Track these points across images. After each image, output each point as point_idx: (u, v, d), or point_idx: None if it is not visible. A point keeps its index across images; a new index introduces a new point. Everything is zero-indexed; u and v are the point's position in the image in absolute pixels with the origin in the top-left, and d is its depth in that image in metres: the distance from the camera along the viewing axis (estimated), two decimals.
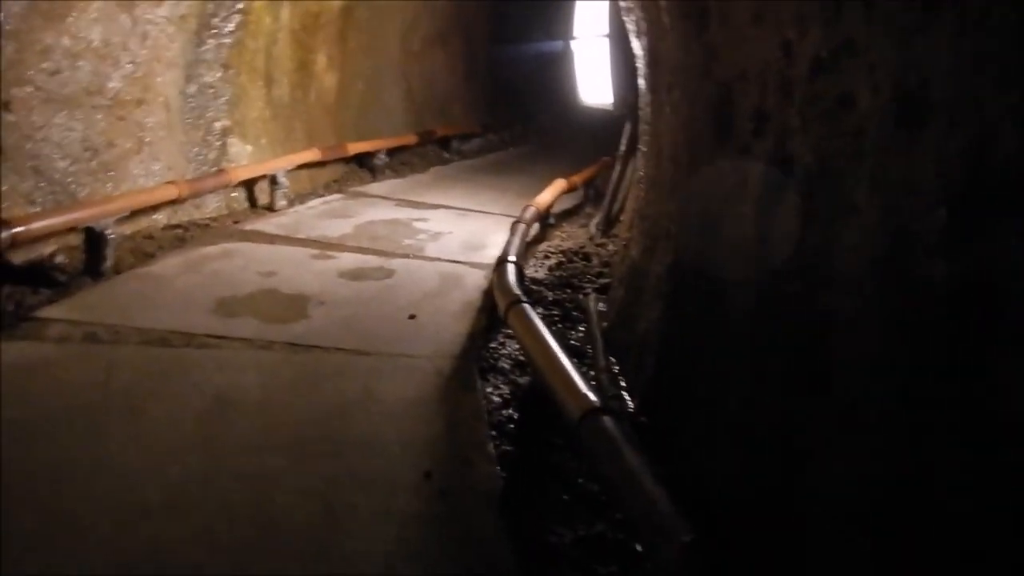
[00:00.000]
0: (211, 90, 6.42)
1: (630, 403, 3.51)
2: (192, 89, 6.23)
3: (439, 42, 11.03)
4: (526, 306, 3.31)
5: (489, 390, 3.58)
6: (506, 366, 3.87)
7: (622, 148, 6.49)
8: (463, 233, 6.58)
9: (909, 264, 1.51)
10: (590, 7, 5.78)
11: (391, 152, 9.11)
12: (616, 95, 5.87)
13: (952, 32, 1.43)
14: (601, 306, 4.97)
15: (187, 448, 2.76)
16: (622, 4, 4.39)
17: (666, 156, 3.43)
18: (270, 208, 6.80)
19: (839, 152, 1.94)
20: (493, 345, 4.15)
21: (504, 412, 3.36)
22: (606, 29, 5.62)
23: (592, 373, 3.91)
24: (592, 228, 7.00)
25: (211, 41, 6.31)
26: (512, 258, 4.23)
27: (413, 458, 2.83)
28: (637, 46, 4.26)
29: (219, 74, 6.47)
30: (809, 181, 2.09)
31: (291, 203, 7.06)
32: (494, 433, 3.16)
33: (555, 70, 15.49)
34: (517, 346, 4.02)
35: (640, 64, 4.37)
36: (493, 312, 4.53)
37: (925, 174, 1.47)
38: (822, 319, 1.97)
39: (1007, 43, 1.28)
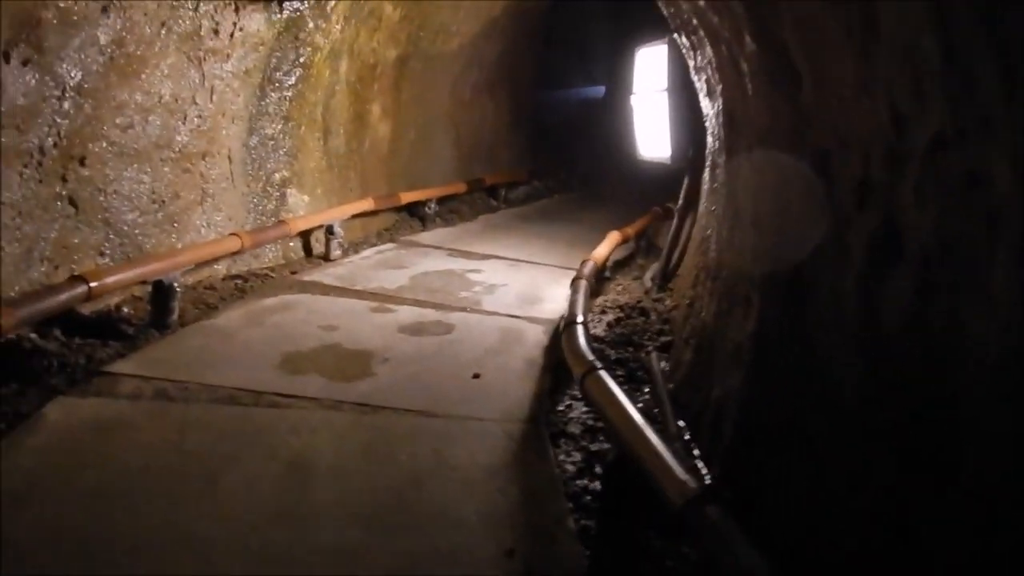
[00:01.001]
0: (272, 142, 6.49)
1: (706, 473, 3.42)
2: (254, 141, 6.30)
3: (487, 90, 11.12)
4: (603, 374, 3.24)
5: (562, 457, 3.50)
6: (576, 431, 3.80)
7: (680, 202, 6.44)
8: (518, 285, 6.55)
9: None
10: (647, 59, 5.78)
11: (441, 200, 9.15)
12: (674, 148, 5.84)
13: None
14: (664, 364, 4.89)
15: (266, 518, 2.72)
16: (691, 63, 4.37)
17: (746, 221, 3.37)
18: (325, 258, 6.83)
19: (964, 231, 1.87)
20: (560, 408, 4.08)
21: (579, 482, 3.28)
22: (665, 83, 5.58)
23: (663, 439, 3.82)
24: (647, 281, 6.93)
25: (273, 94, 6.40)
26: (579, 319, 4.17)
27: (492, 532, 2.75)
28: (707, 104, 4.23)
29: (280, 126, 6.55)
30: (926, 260, 2.02)
31: (345, 252, 7.09)
32: (571, 505, 3.08)
33: (597, 116, 15.56)
34: (586, 410, 3.96)
35: (710, 122, 4.33)
36: (558, 372, 4.48)
37: None
38: (947, 403, 1.88)
39: None
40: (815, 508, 2.46)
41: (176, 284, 4.67)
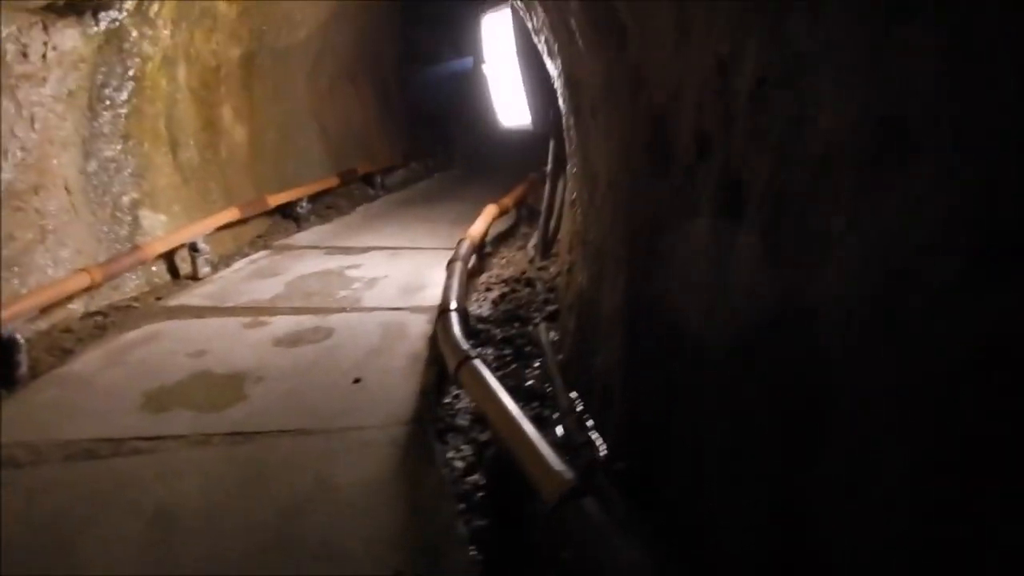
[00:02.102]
0: (113, 164, 6.07)
1: (602, 446, 3.31)
2: (93, 166, 5.87)
3: (348, 77, 10.77)
4: (477, 363, 3.08)
5: (450, 455, 3.34)
6: (464, 423, 3.64)
7: (549, 167, 6.32)
8: (399, 275, 6.33)
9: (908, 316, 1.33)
10: (495, 27, 5.60)
11: (314, 197, 8.83)
12: (534, 114, 5.70)
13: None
14: (553, 334, 4.78)
15: None
16: (529, 25, 4.21)
17: (603, 181, 3.25)
18: (193, 277, 6.46)
19: (801, 178, 1.76)
20: (448, 400, 3.92)
21: (470, 479, 3.13)
22: (514, 48, 5.42)
23: (556, 415, 3.71)
24: (530, 250, 6.81)
25: (106, 113, 5.97)
26: (453, 305, 4.00)
27: (378, 557, 2.57)
28: (551, 66, 4.08)
29: (119, 146, 6.13)
30: (770, 211, 1.91)
31: (215, 268, 6.72)
32: (463, 506, 2.92)
33: (469, 89, 15.32)
34: (471, 399, 3.80)
35: (557, 84, 4.20)
36: (442, 362, 4.31)
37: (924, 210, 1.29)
38: (809, 360, 1.79)
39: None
40: (698, 480, 2.37)
41: (17, 336, 4.29)
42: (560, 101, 4.35)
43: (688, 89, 2.27)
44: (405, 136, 12.46)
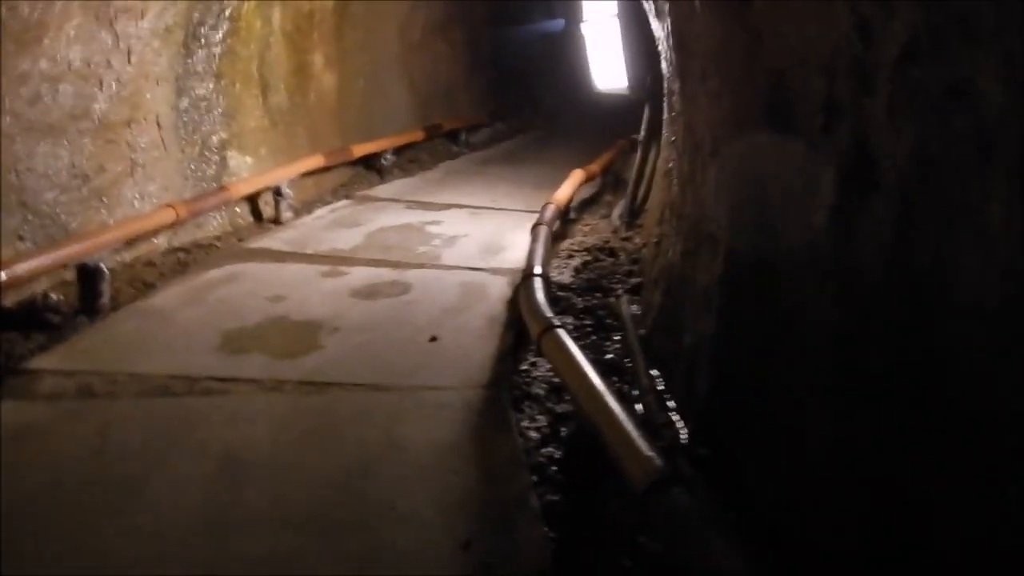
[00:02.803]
0: (204, 103, 6.07)
1: (683, 429, 3.16)
2: (184, 104, 5.88)
3: (439, 31, 10.62)
4: (561, 333, 2.94)
5: (525, 423, 3.23)
6: (541, 392, 3.52)
7: (642, 134, 6.10)
8: (480, 235, 6.22)
9: None
10: None
11: (398, 150, 8.75)
12: (631, 78, 5.48)
13: None
14: (635, 308, 4.62)
15: (192, 531, 2.43)
16: None
17: (707, 151, 3.06)
18: (276, 221, 6.46)
19: (950, 156, 1.56)
20: (524, 367, 3.80)
21: (545, 451, 3.01)
22: (615, 9, 5.20)
23: (636, 392, 3.56)
24: (615, 219, 6.62)
25: (200, 52, 5.96)
26: (537, 270, 3.86)
27: (447, 523, 2.48)
28: (657, 27, 3.87)
29: (212, 85, 6.12)
30: (906, 190, 1.72)
31: (297, 214, 6.71)
32: (536, 478, 2.81)
33: (559, 51, 15.03)
34: (551, 368, 3.68)
35: (663, 47, 3.98)
36: (521, 327, 4.19)
37: None
38: (936, 355, 1.61)
39: None
40: (794, 471, 2.20)
41: (103, 265, 4.32)
42: (663, 64, 4.14)
43: (818, 52, 2.07)
44: (491, 94, 12.29)
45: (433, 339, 4.02)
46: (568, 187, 6.15)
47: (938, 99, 1.60)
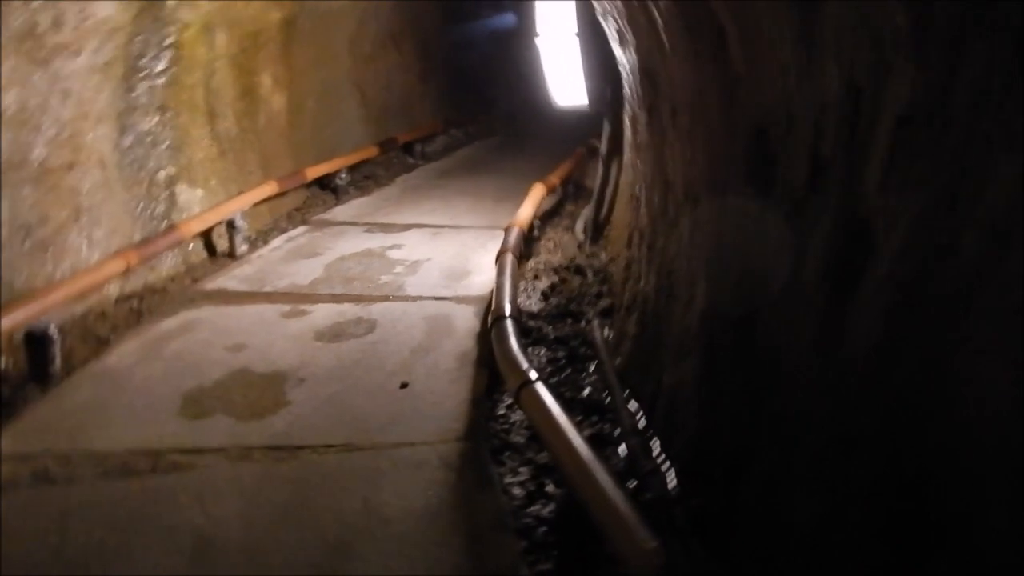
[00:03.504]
0: (149, 138, 5.84)
1: (670, 474, 3.06)
2: (128, 141, 5.65)
3: (390, 41, 10.42)
4: (540, 389, 2.82)
5: (507, 479, 3.12)
6: (520, 440, 3.41)
7: (604, 148, 5.99)
8: (443, 257, 6.08)
9: None
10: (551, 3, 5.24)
11: (353, 168, 8.56)
12: (591, 95, 5.39)
13: None
14: (607, 332, 4.52)
15: None
16: (596, 6, 3.88)
17: (679, 189, 2.96)
18: (231, 255, 6.25)
19: (961, 237, 1.47)
20: (500, 411, 3.68)
21: (531, 510, 2.90)
22: (574, 26, 5.09)
23: (617, 432, 3.46)
24: (578, 233, 6.53)
25: (142, 84, 5.73)
26: (507, 310, 3.73)
27: None
28: (620, 54, 3.76)
29: (156, 118, 5.90)
30: (907, 266, 1.62)
31: (253, 245, 6.51)
32: (525, 543, 2.70)
33: (511, 52, 14.87)
34: (531, 426, 3.56)
35: (626, 72, 3.88)
36: (492, 364, 4.08)
37: None
38: (942, 458, 1.52)
39: None
40: (784, 536, 2.11)
41: (52, 329, 4.11)
42: (626, 89, 4.04)
43: (804, 108, 1.97)
44: (445, 101, 12.12)
45: (404, 385, 3.88)
46: (530, 205, 6.04)
47: (943, 171, 1.50)
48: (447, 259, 6.04)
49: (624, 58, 3.67)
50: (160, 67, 5.88)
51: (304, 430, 3.47)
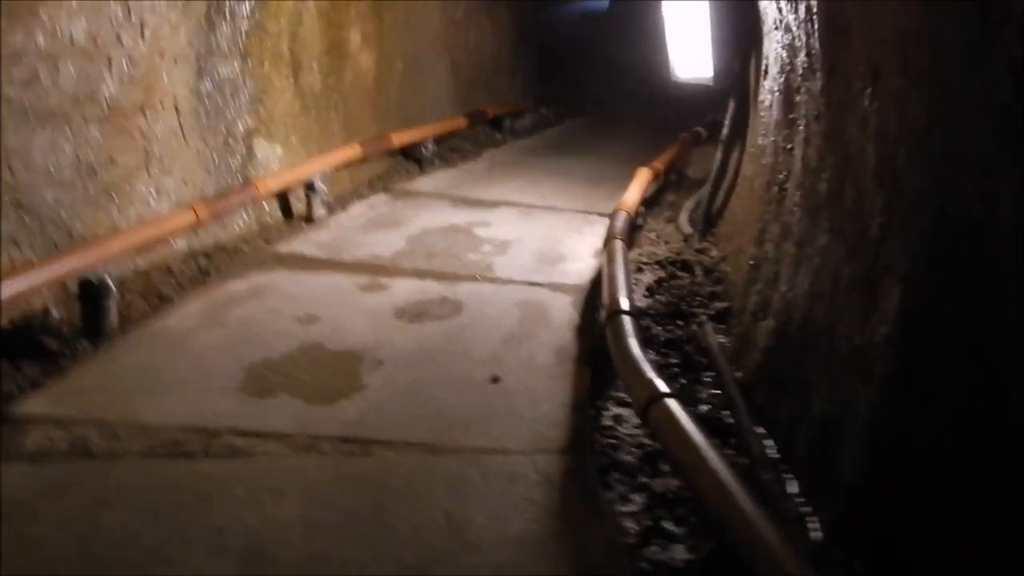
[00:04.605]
0: (230, 85, 5.43)
1: (813, 522, 2.49)
2: (206, 86, 5.24)
3: (484, 8, 9.91)
4: (675, 408, 2.27)
5: (619, 507, 2.58)
6: (631, 459, 2.87)
7: (725, 131, 5.40)
8: (534, 239, 5.56)
9: None
10: None
11: (439, 139, 8.08)
12: (718, 66, 4.80)
13: None
14: (721, 338, 3.96)
15: None
16: None
17: (866, 173, 2.37)
18: (307, 219, 5.83)
19: None
20: (606, 421, 3.15)
21: (649, 551, 2.36)
22: None
23: (744, 460, 2.90)
24: (683, 224, 5.94)
25: (225, 27, 5.31)
26: (624, 304, 3.19)
27: None
28: (783, 5, 3.17)
29: (237, 65, 5.47)
30: None
31: (331, 210, 6.08)
32: None
33: (603, 31, 14.26)
34: (639, 425, 3.02)
35: (787, 31, 3.29)
36: (594, 361, 3.56)
37: None
38: None
39: None
40: None
41: (109, 280, 3.71)
42: (782, 51, 3.46)
43: None
44: (536, 78, 11.58)
45: (495, 380, 3.38)
46: (636, 190, 5.48)
47: None
48: (538, 241, 5.52)
49: (789, 12, 3.08)
50: (245, 10, 5.46)
51: (379, 421, 2.99)
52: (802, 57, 2.99)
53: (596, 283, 4.60)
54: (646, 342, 3.82)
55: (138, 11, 4.48)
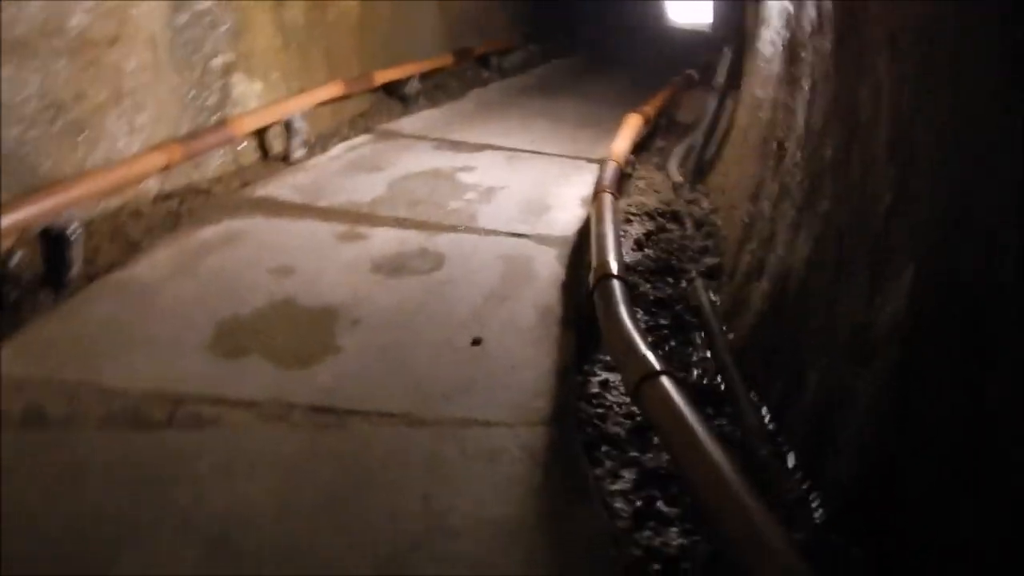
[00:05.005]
0: (207, 18, 5.15)
1: (815, 503, 2.39)
2: (183, 18, 4.96)
3: None
4: (670, 386, 2.13)
5: (608, 485, 2.48)
6: (620, 432, 2.75)
7: (721, 79, 5.19)
8: (520, 186, 5.38)
9: None
10: None
11: (424, 76, 7.80)
12: (718, 13, 4.58)
13: None
14: (712, 296, 3.83)
15: None
16: None
17: (879, 143, 2.21)
18: (286, 159, 5.62)
19: None
20: (593, 388, 3.03)
21: (641, 537, 2.26)
22: None
23: (737, 431, 2.80)
24: (674, 173, 5.77)
25: None
26: (613, 267, 3.03)
27: None
28: None
29: None
30: None
31: (311, 151, 5.86)
32: None
33: None
34: (625, 393, 2.90)
35: None
36: (579, 322, 3.43)
37: None
38: None
39: None
40: None
41: (71, 228, 3.52)
42: (781, 7, 3.26)
43: None
44: (525, 15, 11.22)
45: (476, 342, 3.24)
46: (626, 137, 5.28)
47: None
48: (524, 189, 5.34)
49: None
50: None
51: (356, 388, 2.86)
52: (810, 12, 2.79)
53: (583, 234, 4.46)
54: (634, 300, 3.69)
55: None
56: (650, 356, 2.26)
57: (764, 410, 2.87)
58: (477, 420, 2.70)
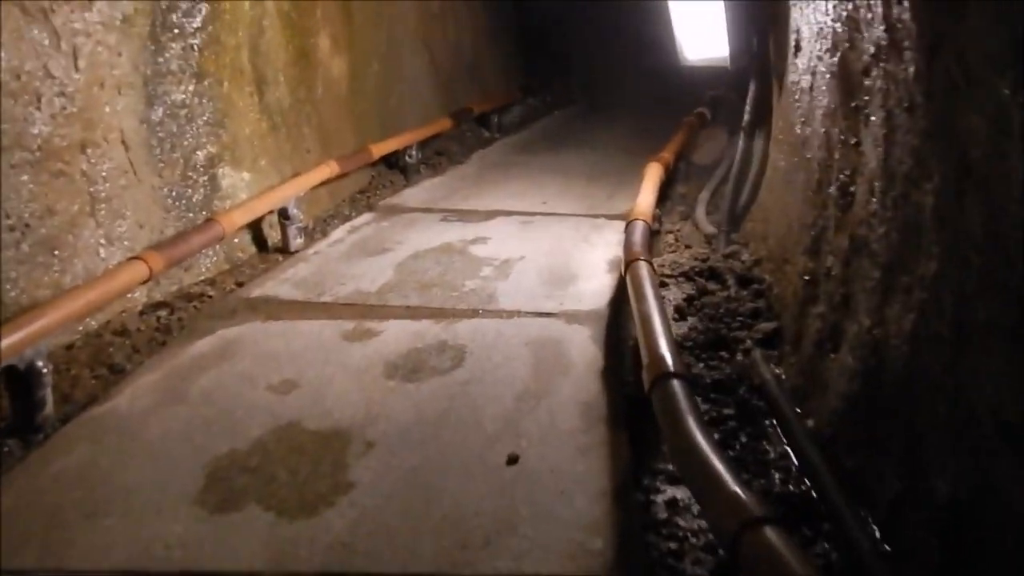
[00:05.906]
0: (184, 110, 4.77)
1: None
2: (158, 113, 4.58)
3: None
4: (777, 540, 1.63)
5: None
6: (702, 574, 2.23)
7: (747, 117, 4.75)
8: (538, 255, 4.93)
9: None
10: None
11: (423, 143, 7.43)
12: (734, 45, 4.17)
13: None
14: (774, 368, 3.34)
15: None
16: None
17: (1017, 191, 1.74)
18: (284, 250, 5.20)
19: None
20: (657, 511, 2.52)
21: None
22: None
23: (846, 558, 2.28)
24: (702, 221, 5.30)
25: (174, 45, 4.65)
26: (671, 364, 2.50)
27: None
28: None
29: (192, 87, 4.81)
30: None
31: (310, 238, 5.46)
32: None
33: (582, 7, 13.52)
34: (702, 520, 2.39)
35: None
36: (629, 419, 2.94)
37: None
38: None
39: None
40: None
41: (40, 364, 3.07)
42: (820, 29, 2.81)
43: None
44: (518, 63, 10.90)
45: (512, 460, 2.74)
46: (650, 190, 4.82)
47: None
48: (544, 257, 4.88)
49: None
50: (195, 24, 4.81)
51: (375, 539, 2.36)
52: (877, 31, 2.33)
53: (615, 303, 4.02)
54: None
55: (68, 36, 3.84)
56: (744, 497, 1.75)
57: (866, 517, 2.36)
58: (526, 575, 2.19)
